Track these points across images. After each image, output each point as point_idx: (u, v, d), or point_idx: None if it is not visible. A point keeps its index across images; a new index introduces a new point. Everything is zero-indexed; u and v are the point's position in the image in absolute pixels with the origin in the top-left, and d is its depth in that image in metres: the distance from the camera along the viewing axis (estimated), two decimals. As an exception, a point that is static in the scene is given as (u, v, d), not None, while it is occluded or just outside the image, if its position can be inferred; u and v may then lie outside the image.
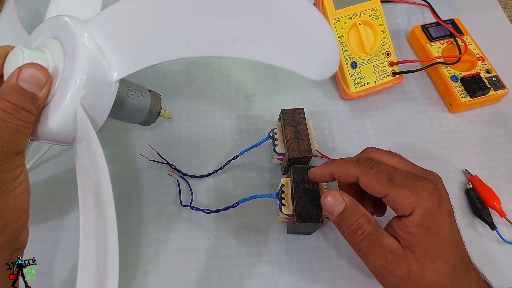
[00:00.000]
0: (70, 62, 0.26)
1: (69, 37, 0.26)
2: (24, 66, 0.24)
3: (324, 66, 0.25)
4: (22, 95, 0.24)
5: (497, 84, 0.45)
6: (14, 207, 0.24)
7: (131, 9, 0.27)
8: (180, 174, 0.40)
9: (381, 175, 0.29)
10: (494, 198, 0.39)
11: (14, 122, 0.23)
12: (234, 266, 0.36)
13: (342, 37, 0.44)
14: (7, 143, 0.23)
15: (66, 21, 0.27)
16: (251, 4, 0.25)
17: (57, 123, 0.25)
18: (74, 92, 0.25)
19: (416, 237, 0.27)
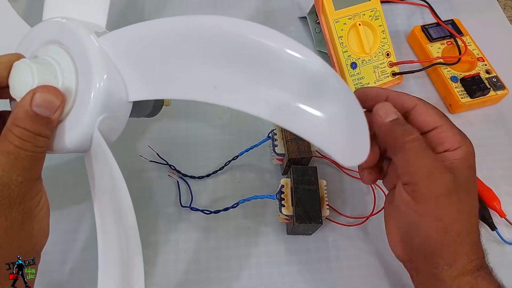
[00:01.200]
0: (86, 80, 0.25)
1: (79, 49, 0.25)
2: (37, 90, 0.23)
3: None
4: (37, 121, 0.23)
5: (497, 84, 0.45)
6: (39, 230, 0.25)
7: (157, 35, 0.25)
8: (179, 174, 0.40)
9: (436, 109, 0.30)
10: (494, 199, 0.39)
11: (32, 150, 0.23)
12: (234, 267, 0.36)
13: (342, 38, 0.44)
14: (28, 172, 0.23)
15: (74, 29, 0.25)
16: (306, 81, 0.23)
17: (73, 142, 0.25)
18: (92, 116, 0.25)
19: (459, 169, 0.28)
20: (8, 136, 0.23)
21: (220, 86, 0.24)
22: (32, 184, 0.24)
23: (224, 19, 0.23)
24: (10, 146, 0.22)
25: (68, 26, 0.26)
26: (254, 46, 0.23)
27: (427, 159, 0.27)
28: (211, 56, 0.24)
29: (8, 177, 0.22)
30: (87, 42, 0.25)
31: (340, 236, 0.38)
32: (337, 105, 0.23)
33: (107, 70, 0.25)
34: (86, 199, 0.38)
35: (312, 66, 0.23)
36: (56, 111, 0.24)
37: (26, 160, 0.23)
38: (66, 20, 0.26)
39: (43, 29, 0.27)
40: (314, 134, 0.24)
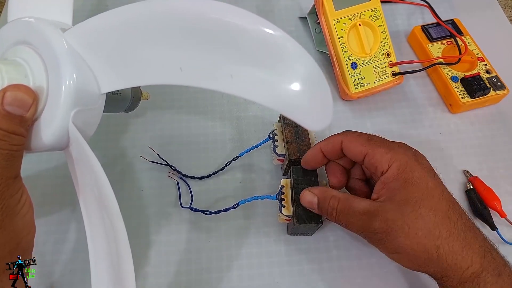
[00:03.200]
0: (56, 77, 0.25)
1: (47, 47, 0.25)
2: (7, 89, 0.23)
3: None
4: (10, 120, 0.23)
5: (497, 84, 0.45)
6: (22, 226, 0.25)
7: (119, 23, 0.26)
8: (180, 175, 0.40)
9: (362, 137, 0.32)
10: (495, 199, 0.39)
11: (8, 148, 0.23)
12: (235, 268, 0.36)
13: (342, 38, 0.44)
14: (5, 170, 0.23)
15: (41, 28, 0.26)
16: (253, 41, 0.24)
17: (50, 138, 0.25)
18: (65, 111, 0.25)
19: (394, 190, 0.29)
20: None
21: (185, 67, 0.25)
22: (10, 183, 0.24)
23: (180, 1, 0.25)
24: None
25: (35, 25, 0.26)
26: (212, 23, 0.24)
27: (358, 224, 0.29)
28: (172, 38, 0.25)
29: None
30: (54, 39, 0.25)
31: (341, 236, 0.38)
32: (297, 70, 0.24)
33: (75, 65, 0.25)
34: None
35: (267, 35, 0.24)
36: (29, 109, 0.24)
37: (1, 159, 0.23)
38: (34, 20, 0.26)
39: (10, 30, 0.27)
40: (277, 101, 0.24)
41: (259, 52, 0.24)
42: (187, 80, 0.25)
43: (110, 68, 0.26)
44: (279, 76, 0.24)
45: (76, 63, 0.25)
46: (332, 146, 0.33)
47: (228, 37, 0.24)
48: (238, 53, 0.24)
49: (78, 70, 0.25)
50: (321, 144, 0.34)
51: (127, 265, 0.25)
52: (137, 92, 0.36)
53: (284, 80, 0.24)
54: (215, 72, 0.24)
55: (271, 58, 0.24)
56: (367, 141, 0.31)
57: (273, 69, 0.24)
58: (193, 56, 0.25)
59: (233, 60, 0.24)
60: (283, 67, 0.24)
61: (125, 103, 0.35)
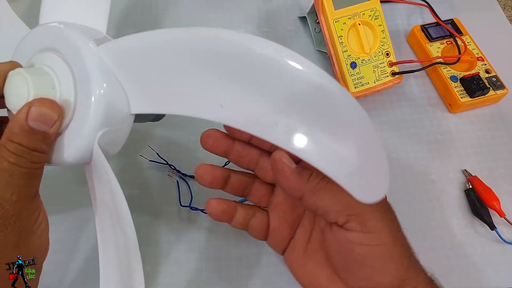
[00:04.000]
0: (85, 91, 0.23)
1: (78, 58, 0.23)
2: (33, 103, 0.22)
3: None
4: (33, 136, 0.22)
5: (497, 84, 0.45)
6: (38, 246, 0.24)
7: (161, 46, 0.24)
8: (179, 174, 0.40)
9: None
10: (494, 198, 0.39)
11: (28, 166, 0.22)
12: (234, 267, 0.36)
13: (342, 38, 0.44)
14: (23, 189, 0.22)
15: (72, 37, 0.24)
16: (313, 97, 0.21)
17: (72, 156, 0.24)
18: (92, 130, 0.23)
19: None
20: (2, 152, 0.21)
21: (226, 105, 0.22)
22: (28, 203, 0.23)
23: (229, 32, 0.22)
24: (4, 163, 0.21)
25: (65, 33, 0.24)
26: (263, 61, 0.21)
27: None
28: (216, 70, 0.22)
29: (2, 195, 0.21)
30: (85, 51, 0.24)
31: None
32: (354, 132, 0.21)
33: (107, 81, 0.23)
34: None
35: (324, 87, 0.21)
36: (54, 125, 0.23)
37: (21, 178, 0.22)
38: (64, 26, 0.25)
39: (39, 35, 0.26)
40: (328, 163, 0.21)
41: (312, 103, 0.21)
42: (227, 119, 0.22)
43: (144, 91, 0.24)
44: (333, 136, 0.21)
45: (108, 79, 0.24)
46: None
47: (279, 81, 0.21)
48: (289, 101, 0.21)
49: (109, 87, 0.23)
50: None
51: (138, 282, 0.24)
52: None
53: (339, 142, 0.21)
54: (260, 117, 0.21)
55: (326, 114, 0.21)
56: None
57: (327, 127, 0.21)
58: (237, 94, 0.22)
59: (281, 109, 0.21)
60: (338, 126, 0.21)
61: (152, 114, 0.33)
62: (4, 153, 0.21)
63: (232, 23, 0.50)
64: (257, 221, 0.30)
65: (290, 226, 0.29)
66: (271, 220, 0.30)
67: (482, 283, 0.37)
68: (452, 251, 0.38)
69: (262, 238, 0.30)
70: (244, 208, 0.30)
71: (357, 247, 0.24)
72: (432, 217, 0.40)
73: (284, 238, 0.29)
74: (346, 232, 0.24)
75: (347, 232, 0.24)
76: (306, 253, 0.28)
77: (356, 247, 0.24)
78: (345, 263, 0.25)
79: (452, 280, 0.37)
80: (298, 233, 0.29)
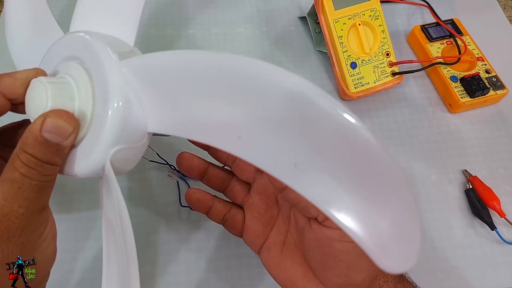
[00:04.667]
0: (103, 107, 0.23)
1: (99, 72, 0.23)
2: (48, 114, 0.21)
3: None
4: (46, 148, 0.21)
5: (497, 84, 0.45)
6: (41, 260, 0.23)
7: (186, 68, 0.23)
8: (179, 174, 0.40)
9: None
10: (494, 199, 0.39)
11: (39, 179, 0.21)
12: (234, 267, 0.36)
13: (342, 38, 0.44)
14: (32, 203, 0.21)
15: (97, 49, 0.23)
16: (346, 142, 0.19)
17: (83, 171, 0.24)
18: (106, 147, 0.23)
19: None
20: (15, 162, 0.21)
21: (244, 138, 0.21)
22: (35, 216, 0.22)
23: (265, 65, 0.20)
24: (15, 174, 0.21)
25: (90, 44, 0.24)
26: (293, 102, 0.19)
27: None
28: (238, 101, 0.21)
29: (9, 207, 0.21)
30: (108, 65, 0.23)
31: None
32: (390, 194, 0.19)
33: (126, 97, 0.23)
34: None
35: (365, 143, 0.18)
36: (68, 137, 0.22)
37: (30, 191, 0.21)
38: (90, 37, 0.24)
39: (67, 43, 0.25)
40: (355, 227, 0.19)
41: (345, 155, 0.19)
42: (242, 152, 0.21)
43: (165, 111, 0.23)
44: (366, 197, 0.19)
45: (128, 95, 0.23)
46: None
47: (306, 122, 0.19)
48: (315, 147, 0.19)
49: (128, 103, 0.23)
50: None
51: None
52: None
53: (373, 205, 0.19)
54: (278, 157, 0.20)
55: (359, 168, 0.19)
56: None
57: (360, 184, 0.19)
58: (256, 130, 0.20)
59: (305, 153, 0.19)
60: (373, 184, 0.19)
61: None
62: (17, 163, 0.21)
63: (232, 23, 0.50)
64: (232, 217, 0.31)
65: (264, 226, 0.30)
66: (246, 218, 0.31)
67: (482, 283, 0.37)
68: (452, 251, 0.38)
69: (238, 235, 0.31)
70: (221, 203, 0.31)
71: (336, 243, 0.25)
72: (432, 217, 0.40)
73: (259, 237, 0.30)
74: (326, 229, 0.25)
75: (326, 229, 0.25)
76: (282, 253, 0.29)
77: (335, 243, 0.25)
78: (322, 260, 0.26)
79: (452, 280, 0.37)
80: (273, 234, 0.30)
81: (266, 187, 0.30)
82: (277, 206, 0.30)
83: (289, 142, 0.20)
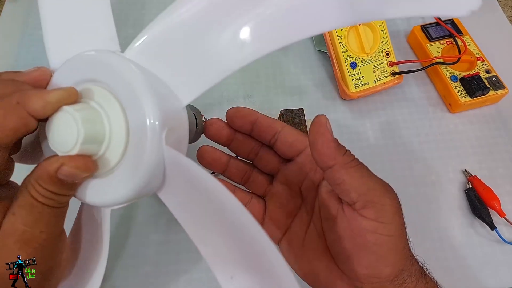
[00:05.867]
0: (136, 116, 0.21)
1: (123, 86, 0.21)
2: (66, 162, 0.20)
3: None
4: (61, 186, 0.21)
5: (497, 84, 0.45)
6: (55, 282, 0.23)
7: (174, 28, 0.23)
8: (179, 174, 0.40)
9: (301, 131, 0.30)
10: (494, 198, 0.39)
11: (55, 206, 0.21)
12: (234, 267, 0.36)
13: (342, 38, 0.44)
14: (53, 227, 0.21)
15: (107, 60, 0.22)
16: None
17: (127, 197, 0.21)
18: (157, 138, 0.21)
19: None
20: (30, 190, 0.20)
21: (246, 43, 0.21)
22: (56, 242, 0.22)
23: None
24: (33, 200, 0.20)
25: (98, 58, 0.22)
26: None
27: (374, 177, 0.25)
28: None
29: (31, 233, 0.20)
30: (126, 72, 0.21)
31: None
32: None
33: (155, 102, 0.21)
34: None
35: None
36: (84, 178, 0.22)
37: (50, 215, 0.20)
38: (95, 53, 0.22)
39: (70, 69, 0.23)
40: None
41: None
42: (252, 54, 0.21)
43: (184, 77, 0.23)
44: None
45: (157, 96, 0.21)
46: (269, 125, 0.29)
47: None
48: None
49: (158, 98, 0.21)
50: (260, 115, 0.30)
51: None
52: (200, 121, 0.33)
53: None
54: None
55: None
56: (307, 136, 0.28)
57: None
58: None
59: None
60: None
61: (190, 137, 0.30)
62: (33, 192, 0.20)
63: (232, 23, 0.50)
64: (253, 207, 0.30)
65: (287, 216, 0.30)
66: (268, 208, 0.30)
67: (482, 283, 0.37)
68: (452, 251, 0.38)
69: None
70: (242, 192, 0.31)
71: (369, 234, 0.24)
72: (432, 217, 0.40)
73: (281, 227, 0.30)
74: (361, 219, 0.25)
75: (362, 219, 0.25)
76: (304, 243, 0.28)
77: (368, 234, 0.24)
78: (352, 250, 0.25)
79: (452, 280, 0.37)
80: (295, 224, 0.29)
81: (290, 177, 0.30)
82: (301, 196, 0.30)
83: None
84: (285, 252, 0.29)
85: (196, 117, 0.33)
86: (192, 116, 0.32)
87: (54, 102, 0.21)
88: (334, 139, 0.25)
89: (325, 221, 0.28)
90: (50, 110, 0.21)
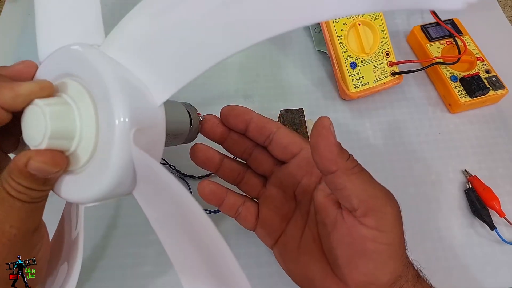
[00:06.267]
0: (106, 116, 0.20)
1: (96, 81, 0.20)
2: (31, 156, 0.19)
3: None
4: (32, 180, 0.20)
5: (497, 84, 0.45)
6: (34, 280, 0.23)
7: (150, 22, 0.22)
8: (179, 174, 0.40)
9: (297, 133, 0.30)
10: (494, 198, 0.39)
11: (29, 201, 0.20)
12: (234, 267, 0.36)
13: (342, 38, 0.44)
14: (24, 223, 0.20)
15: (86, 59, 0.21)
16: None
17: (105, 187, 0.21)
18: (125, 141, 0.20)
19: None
20: (4, 184, 0.20)
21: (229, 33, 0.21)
22: (28, 238, 0.21)
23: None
24: (5, 194, 0.20)
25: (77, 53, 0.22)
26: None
27: (376, 183, 0.25)
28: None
29: (0, 228, 0.19)
30: (96, 63, 0.21)
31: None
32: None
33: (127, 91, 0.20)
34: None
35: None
36: (56, 173, 0.21)
37: (21, 210, 0.20)
38: (80, 47, 0.22)
39: (52, 62, 0.23)
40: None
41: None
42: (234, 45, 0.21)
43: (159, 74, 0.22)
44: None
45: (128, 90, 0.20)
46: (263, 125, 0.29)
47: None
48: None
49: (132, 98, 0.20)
50: (254, 114, 0.30)
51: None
52: (195, 119, 0.32)
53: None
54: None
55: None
56: (303, 138, 0.28)
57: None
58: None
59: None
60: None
61: (184, 136, 0.31)
62: (6, 186, 0.20)
63: (232, 23, 0.50)
64: (246, 210, 0.30)
65: (281, 220, 0.29)
66: (261, 211, 0.30)
67: (482, 283, 0.37)
68: (452, 251, 0.38)
69: (251, 228, 0.30)
70: (235, 195, 0.30)
71: (369, 242, 0.24)
72: (432, 217, 0.40)
73: (275, 231, 0.29)
74: (361, 227, 0.24)
75: (362, 227, 0.24)
76: (299, 247, 0.28)
77: (368, 242, 0.24)
78: (350, 257, 0.25)
79: (452, 280, 0.37)
80: (290, 228, 0.29)
81: (284, 180, 0.30)
82: (295, 200, 0.30)
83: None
84: (279, 256, 0.29)
85: (191, 115, 0.31)
86: (185, 114, 0.31)
87: (25, 95, 0.20)
88: (337, 143, 0.24)
89: (321, 226, 0.27)
90: (21, 103, 0.20)
